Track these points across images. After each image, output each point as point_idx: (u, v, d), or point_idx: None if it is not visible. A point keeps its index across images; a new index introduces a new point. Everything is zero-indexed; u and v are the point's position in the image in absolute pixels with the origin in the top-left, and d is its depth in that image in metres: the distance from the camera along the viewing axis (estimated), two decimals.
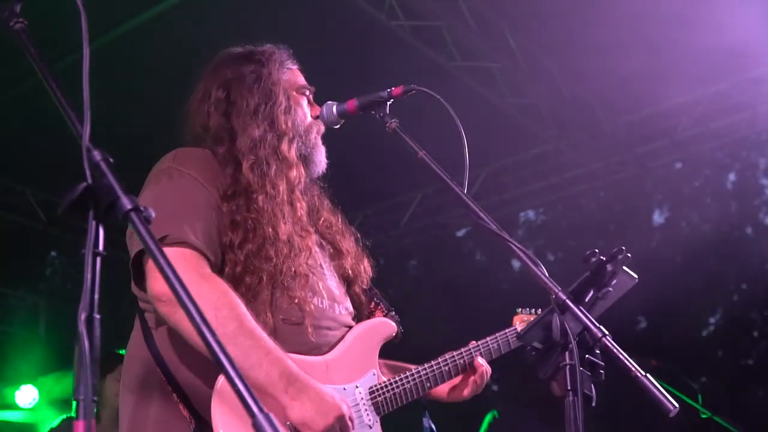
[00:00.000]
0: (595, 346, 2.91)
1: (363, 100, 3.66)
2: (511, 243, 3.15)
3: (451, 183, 3.34)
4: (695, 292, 21.24)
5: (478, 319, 20.70)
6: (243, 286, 3.36)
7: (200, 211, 3.38)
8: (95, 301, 2.05)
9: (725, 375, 22.11)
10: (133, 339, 3.52)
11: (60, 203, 2.11)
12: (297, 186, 3.64)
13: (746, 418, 6.94)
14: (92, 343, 2.00)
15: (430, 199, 11.91)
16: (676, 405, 2.76)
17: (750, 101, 9.82)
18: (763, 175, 24.43)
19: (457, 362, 3.92)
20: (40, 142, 9.91)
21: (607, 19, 8.49)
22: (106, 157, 2.16)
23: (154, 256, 2.01)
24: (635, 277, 3.23)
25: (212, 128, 3.71)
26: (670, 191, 24.38)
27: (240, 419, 3.15)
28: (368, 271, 3.95)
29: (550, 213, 24.41)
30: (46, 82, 2.41)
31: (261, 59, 3.82)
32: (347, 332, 3.69)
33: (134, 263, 3.29)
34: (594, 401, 2.89)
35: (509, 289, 24.90)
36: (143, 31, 8.02)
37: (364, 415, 3.55)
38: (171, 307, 3.17)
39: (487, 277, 24.79)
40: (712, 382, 21.49)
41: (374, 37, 8.53)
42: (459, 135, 3.48)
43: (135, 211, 2.07)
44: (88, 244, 2.08)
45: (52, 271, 14.95)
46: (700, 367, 20.40)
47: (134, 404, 3.40)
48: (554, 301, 2.95)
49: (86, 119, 2.23)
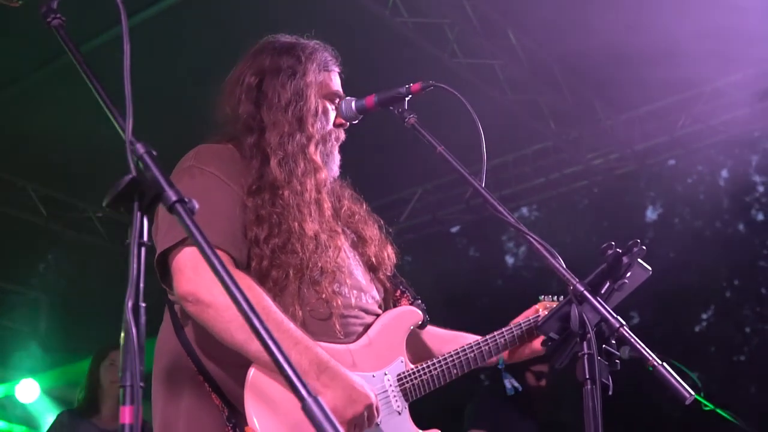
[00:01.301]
0: (612, 336, 2.98)
1: (382, 96, 3.68)
2: (529, 236, 3.20)
3: (470, 177, 3.38)
4: (688, 288, 21.26)
5: (472, 314, 20.77)
6: (270, 280, 3.39)
7: (223, 209, 3.41)
8: (141, 289, 2.12)
9: (717, 371, 22.17)
10: (162, 331, 3.55)
11: (105, 195, 2.17)
12: (323, 188, 3.65)
13: (738, 413, 6.98)
14: (139, 330, 2.07)
15: (430, 195, 11.98)
16: (692, 393, 2.83)
17: (747, 99, 9.86)
18: (756, 171, 24.48)
19: (482, 349, 3.93)
20: (41, 139, 9.97)
21: (607, 19, 8.55)
22: (149, 150, 2.21)
23: (201, 247, 2.06)
24: (649, 269, 3.30)
25: (242, 115, 3.71)
26: (663, 188, 24.43)
27: (272, 408, 3.22)
28: (392, 257, 3.95)
29: (543, 209, 24.46)
30: (86, 76, 2.45)
31: (301, 56, 3.78)
32: (374, 321, 3.72)
33: (159, 260, 3.32)
34: (611, 390, 2.95)
35: (503, 286, 24.96)
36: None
37: (393, 402, 3.58)
38: (198, 306, 3.22)
39: (480, 273, 24.84)
40: (704, 377, 21.53)
41: (377, 34, 8.60)
42: (476, 131, 3.51)
43: (180, 202, 2.11)
44: (133, 235, 2.15)
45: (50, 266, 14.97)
46: (693, 362, 20.45)
47: (165, 395, 3.44)
48: (572, 292, 2.99)
49: (129, 113, 2.27)
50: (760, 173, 24.43)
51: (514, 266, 25.78)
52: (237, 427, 3.22)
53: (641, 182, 24.10)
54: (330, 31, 3.99)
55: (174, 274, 3.28)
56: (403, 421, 3.61)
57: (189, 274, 3.22)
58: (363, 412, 3.25)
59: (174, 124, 8.70)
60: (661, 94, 10.05)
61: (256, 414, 3.20)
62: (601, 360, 2.95)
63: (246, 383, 3.23)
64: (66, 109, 9.15)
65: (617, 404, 3.04)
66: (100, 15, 5.61)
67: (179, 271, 3.26)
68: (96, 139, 7.30)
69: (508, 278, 25.47)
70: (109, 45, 6.90)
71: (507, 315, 4.25)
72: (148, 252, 2.20)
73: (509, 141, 10.61)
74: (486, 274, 24.87)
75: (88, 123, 6.70)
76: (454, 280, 22.52)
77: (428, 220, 12.28)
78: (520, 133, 10.56)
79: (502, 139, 10.14)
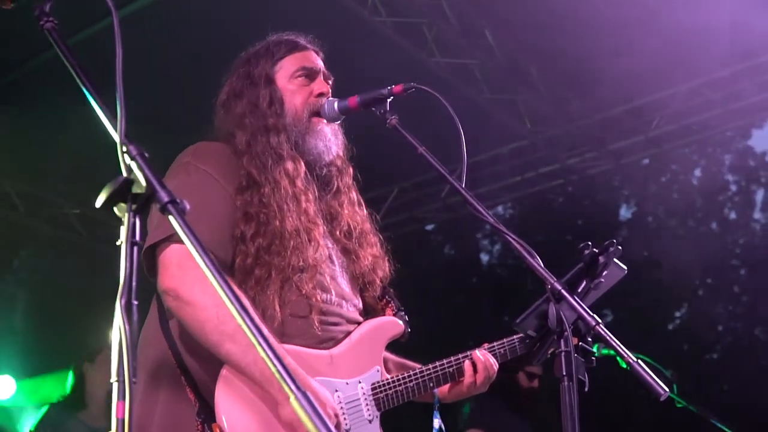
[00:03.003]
0: (589, 333, 3.03)
1: (364, 97, 3.72)
2: (507, 235, 3.24)
3: (450, 178, 3.42)
4: (661, 286, 21.35)
5: (447, 313, 20.83)
6: (252, 278, 3.45)
7: (212, 208, 3.47)
8: (133, 287, 2.17)
9: (690, 369, 22.26)
10: (148, 321, 3.61)
11: (98, 195, 2.21)
12: (296, 178, 3.68)
13: (711, 411, 7.04)
14: (131, 328, 2.12)
15: (406, 193, 12.00)
16: (667, 389, 2.89)
17: (721, 99, 9.95)
18: (729, 171, 24.63)
19: (462, 364, 3.95)
20: (21, 136, 9.93)
21: (584, 20, 8.60)
22: (141, 152, 2.25)
23: (193, 245, 2.12)
24: (624, 268, 3.36)
25: (217, 129, 3.87)
26: (637, 186, 24.52)
27: (241, 407, 3.29)
28: (386, 277, 3.99)
29: (518, 207, 24.52)
30: (78, 78, 2.46)
31: (252, 59, 3.92)
32: (355, 328, 3.75)
33: (147, 254, 3.37)
34: (587, 386, 3.01)
35: (477, 283, 25.02)
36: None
37: (365, 410, 3.62)
38: (177, 303, 3.30)
39: (456, 271, 24.88)
40: (677, 375, 21.64)
41: (356, 33, 8.63)
42: (456, 131, 3.55)
43: (172, 203, 2.17)
44: (126, 235, 2.19)
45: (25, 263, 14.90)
46: (666, 360, 20.50)
47: (145, 384, 3.48)
48: (550, 290, 3.03)
49: (121, 115, 2.30)
50: (733, 173, 24.57)
51: (489, 264, 25.84)
52: (205, 423, 3.29)
53: (615, 181, 24.21)
54: (309, 30, 4.05)
55: (159, 268, 3.35)
56: (372, 430, 3.65)
57: (173, 270, 3.29)
58: None
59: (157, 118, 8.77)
60: (636, 94, 10.12)
61: (225, 411, 3.27)
62: (577, 357, 3.00)
63: (218, 380, 3.30)
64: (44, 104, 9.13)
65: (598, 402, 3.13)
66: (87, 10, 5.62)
67: (165, 267, 3.33)
68: (75, 135, 7.33)
69: (482, 276, 25.53)
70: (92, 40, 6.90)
71: (482, 312, 4.28)
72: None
73: (485, 139, 10.65)
74: (461, 271, 24.92)
75: (68, 119, 6.71)
76: (429, 277, 22.58)
77: (405, 218, 12.31)
78: (496, 132, 10.58)
79: (479, 137, 10.18)
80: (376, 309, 3.98)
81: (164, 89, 9.03)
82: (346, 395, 3.56)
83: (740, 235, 24.53)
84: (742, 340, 23.88)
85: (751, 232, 24.52)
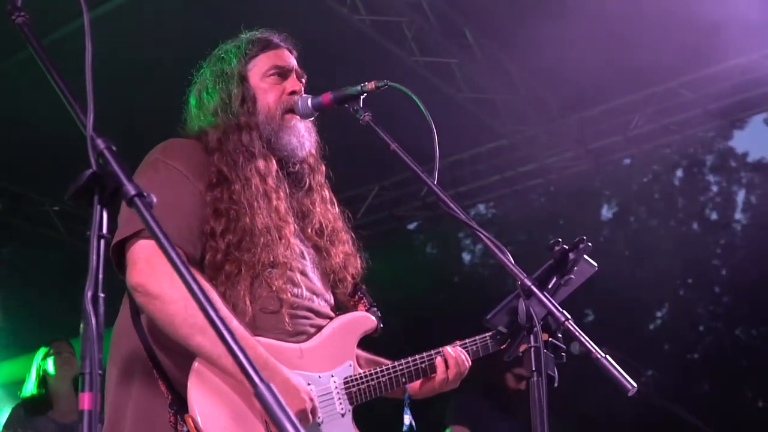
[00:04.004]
0: (559, 329, 3.06)
1: (337, 94, 3.72)
2: (479, 232, 3.26)
3: (422, 174, 3.43)
4: (642, 286, 21.40)
5: (429, 312, 20.82)
6: (222, 274, 3.45)
7: (181, 205, 3.47)
8: (100, 280, 2.18)
9: (672, 369, 22.32)
10: (120, 317, 3.60)
11: (67, 189, 2.23)
12: (267, 176, 3.69)
13: (692, 411, 7.08)
14: (98, 319, 2.14)
15: (387, 191, 12.03)
16: (635, 385, 2.90)
17: (700, 99, 9.99)
18: (710, 171, 24.70)
19: (434, 360, 3.96)
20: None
21: (564, 17, 8.62)
22: (109, 145, 2.25)
23: (159, 240, 2.13)
24: (595, 265, 3.38)
25: (188, 126, 3.89)
26: (618, 186, 24.58)
27: (213, 398, 3.29)
28: (357, 273, 4.00)
29: (501, 207, 24.55)
30: (48, 73, 2.48)
31: (225, 56, 3.91)
32: (327, 323, 3.77)
33: (115, 250, 3.37)
34: (556, 382, 3.03)
35: (459, 282, 25.04)
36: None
37: (337, 404, 3.63)
38: (146, 298, 3.29)
39: (437, 270, 24.90)
40: (658, 375, 21.72)
41: (336, 32, 8.65)
42: (429, 128, 3.54)
43: (138, 196, 2.18)
44: (93, 228, 2.21)
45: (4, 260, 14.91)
46: (647, 360, 20.58)
47: (117, 379, 3.49)
48: (520, 286, 3.05)
49: (90, 109, 2.31)
50: (714, 173, 24.65)
51: (471, 263, 25.86)
52: (178, 414, 3.29)
53: (596, 181, 24.27)
54: (288, 28, 4.05)
55: (128, 264, 3.35)
56: (345, 424, 3.66)
57: (142, 265, 3.29)
58: (295, 415, 3.30)
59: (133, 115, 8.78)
60: (614, 94, 10.16)
61: (197, 403, 3.27)
62: (547, 353, 3.02)
63: (191, 372, 3.30)
64: (25, 102, 9.13)
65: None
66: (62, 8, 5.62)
67: (133, 263, 3.33)
68: (54, 131, 7.32)
69: (464, 275, 25.55)
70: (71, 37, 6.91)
71: (464, 312, 4.29)
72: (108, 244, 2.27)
73: (465, 138, 10.68)
74: (443, 271, 24.94)
75: (48, 116, 6.71)
76: (411, 277, 22.58)
77: (385, 217, 12.33)
78: (476, 131, 10.63)
79: (458, 136, 10.21)
80: (348, 306, 3.98)
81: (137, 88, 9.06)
82: (318, 388, 3.56)
83: (721, 236, 24.60)
84: (723, 340, 23.95)
85: (732, 233, 24.60)
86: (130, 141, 3.41)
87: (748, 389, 23.33)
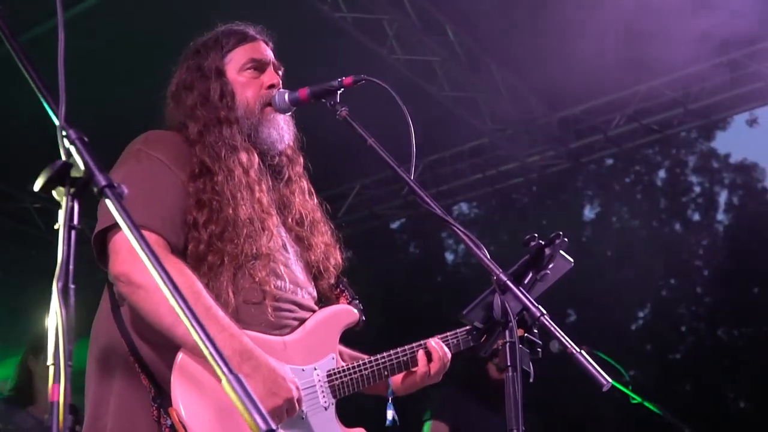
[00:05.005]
0: (534, 324, 3.05)
1: (315, 89, 3.70)
2: (454, 227, 3.26)
3: (399, 169, 3.41)
4: (625, 287, 21.46)
5: (412, 310, 20.84)
6: (205, 265, 3.44)
7: (164, 194, 3.46)
8: (70, 271, 2.16)
9: (653, 369, 22.39)
10: (99, 312, 3.58)
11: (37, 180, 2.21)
12: (251, 168, 3.68)
13: (673, 411, 7.08)
14: (68, 311, 2.12)
15: (368, 189, 12.01)
16: (609, 380, 2.89)
17: (681, 98, 10.01)
18: (692, 172, 24.79)
19: (416, 353, 3.92)
20: None
21: (545, 16, 8.64)
22: (81, 136, 2.23)
23: (130, 230, 2.12)
24: (571, 261, 3.38)
25: (168, 119, 3.86)
26: (601, 187, 24.65)
27: (197, 391, 3.26)
28: (338, 264, 3.98)
29: (484, 207, 24.60)
30: (21, 63, 2.46)
31: (201, 50, 3.89)
32: (310, 316, 3.75)
33: (96, 240, 3.37)
34: (532, 377, 3.03)
35: (442, 282, 25.07)
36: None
37: (320, 397, 3.61)
38: (130, 287, 3.27)
39: (421, 269, 24.92)
40: (640, 375, 21.77)
41: (317, 29, 8.64)
42: (406, 123, 3.55)
43: (109, 187, 2.15)
44: (64, 219, 2.19)
45: None
46: (629, 360, 20.62)
47: (98, 375, 3.47)
48: (495, 281, 3.04)
49: (62, 99, 2.28)
50: (696, 174, 24.74)
51: (454, 263, 25.90)
52: (162, 408, 3.26)
53: (579, 181, 24.33)
54: (269, 25, 4.04)
55: (110, 254, 3.33)
56: (328, 417, 3.64)
57: (125, 255, 3.26)
58: (282, 405, 3.28)
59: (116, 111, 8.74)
60: (595, 93, 10.16)
61: (181, 396, 3.24)
62: (522, 348, 3.02)
63: (174, 365, 3.27)
64: (5, 99, 9.09)
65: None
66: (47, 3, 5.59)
67: (115, 252, 3.31)
68: (35, 129, 7.27)
69: (447, 275, 25.58)
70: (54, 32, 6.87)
71: (447, 311, 4.27)
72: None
73: (447, 137, 10.69)
74: (426, 270, 24.96)
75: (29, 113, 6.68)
76: (394, 276, 22.60)
77: (366, 216, 12.33)
78: (457, 130, 10.63)
79: (440, 134, 10.22)
80: (330, 298, 3.96)
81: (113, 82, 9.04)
82: (302, 381, 3.53)
83: (704, 237, 24.70)
84: (704, 340, 24.05)
85: (714, 234, 24.71)
86: (107, 135, 3.40)
87: (729, 390, 23.43)
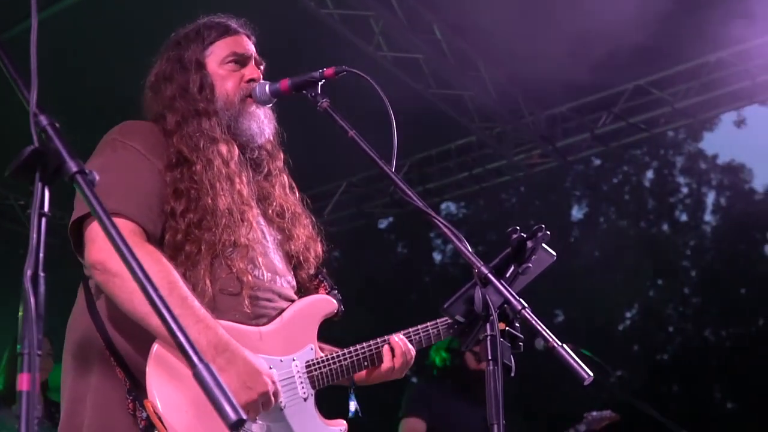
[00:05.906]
0: (515, 318, 3.02)
1: (296, 80, 3.68)
2: (436, 219, 3.22)
3: (380, 162, 3.38)
4: (612, 287, 21.50)
5: (399, 310, 20.81)
6: (183, 254, 3.42)
7: (140, 182, 3.44)
8: (40, 259, 2.13)
9: (641, 369, 22.43)
10: (75, 306, 3.57)
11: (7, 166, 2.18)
12: (231, 160, 3.66)
13: (661, 412, 7.08)
14: (37, 299, 2.09)
15: (355, 187, 11.98)
16: (591, 374, 2.86)
17: (669, 98, 10.01)
18: (680, 173, 24.85)
19: (381, 348, 3.91)
20: None
21: (533, 14, 8.63)
22: (52, 122, 2.21)
23: (99, 217, 2.09)
24: (554, 254, 3.35)
25: (146, 110, 3.84)
26: (589, 187, 24.69)
27: (173, 383, 3.24)
28: (318, 256, 3.96)
29: (471, 206, 24.62)
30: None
31: (182, 42, 3.87)
32: (288, 305, 3.73)
33: (73, 230, 3.35)
34: (513, 371, 3.00)
35: (430, 282, 25.09)
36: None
37: (299, 388, 3.60)
38: (105, 275, 3.24)
39: (408, 269, 24.94)
40: (627, 376, 21.83)
41: (303, 25, 8.60)
42: (387, 114, 3.53)
43: (80, 173, 2.13)
44: (34, 205, 2.16)
45: None
46: (617, 361, 20.67)
47: (75, 370, 3.45)
48: (477, 275, 3.01)
49: (34, 85, 2.26)
50: (684, 175, 24.79)
51: (442, 263, 25.92)
52: (137, 401, 3.25)
53: (567, 182, 24.37)
54: (254, 20, 4.01)
55: (86, 242, 3.31)
56: (307, 408, 3.63)
57: (101, 243, 3.24)
58: (257, 400, 3.26)
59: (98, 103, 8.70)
60: (582, 92, 10.17)
61: (157, 388, 3.23)
62: (503, 342, 2.99)
63: (149, 357, 3.26)
64: None
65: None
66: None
67: (91, 241, 3.29)
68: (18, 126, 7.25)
69: (435, 274, 25.61)
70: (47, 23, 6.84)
71: (434, 311, 4.25)
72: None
73: (433, 135, 10.68)
74: (413, 270, 24.98)
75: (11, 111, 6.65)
76: (381, 275, 22.59)
77: (353, 214, 12.31)
78: (444, 128, 10.62)
79: (426, 133, 10.20)
80: (309, 288, 3.95)
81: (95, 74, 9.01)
82: (280, 372, 3.53)
83: (691, 237, 24.77)
84: (692, 341, 24.11)
85: (701, 234, 24.78)
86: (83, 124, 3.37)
87: (717, 390, 23.49)
